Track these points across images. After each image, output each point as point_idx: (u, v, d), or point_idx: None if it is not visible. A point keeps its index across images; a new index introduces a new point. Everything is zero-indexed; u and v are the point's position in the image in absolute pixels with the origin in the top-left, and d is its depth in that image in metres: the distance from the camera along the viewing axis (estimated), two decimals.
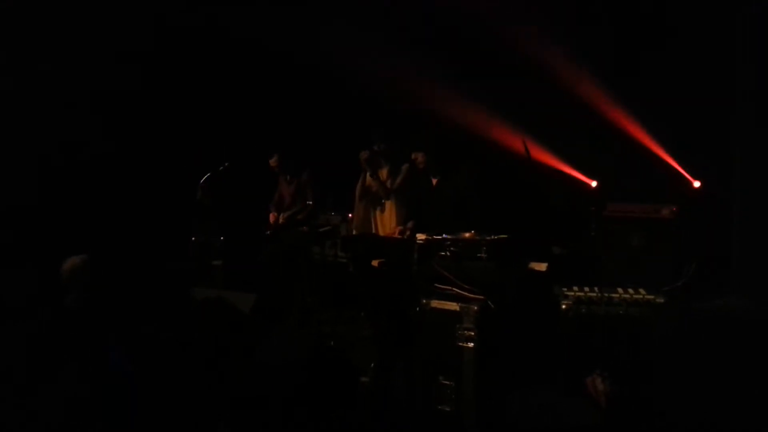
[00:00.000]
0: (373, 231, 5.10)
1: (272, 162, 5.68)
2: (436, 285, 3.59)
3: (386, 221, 5.05)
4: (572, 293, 3.36)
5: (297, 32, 6.12)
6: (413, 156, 4.51)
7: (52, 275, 3.69)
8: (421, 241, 3.87)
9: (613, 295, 3.32)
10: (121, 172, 6.11)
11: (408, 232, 4.81)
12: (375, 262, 4.84)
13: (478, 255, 3.62)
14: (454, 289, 3.52)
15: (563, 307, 3.34)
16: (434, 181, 4.52)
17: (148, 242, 5.94)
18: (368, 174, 5.01)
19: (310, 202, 5.56)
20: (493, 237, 3.64)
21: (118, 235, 5.70)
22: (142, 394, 2.85)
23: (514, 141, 5.36)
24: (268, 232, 5.74)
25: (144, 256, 5.70)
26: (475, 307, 3.37)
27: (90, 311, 3.43)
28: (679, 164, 4.99)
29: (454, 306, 3.44)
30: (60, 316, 3.32)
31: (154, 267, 5.55)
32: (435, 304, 3.53)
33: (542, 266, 3.88)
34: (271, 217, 5.73)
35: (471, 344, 3.34)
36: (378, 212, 5.10)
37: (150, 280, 4.85)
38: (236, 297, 4.03)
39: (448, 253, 3.70)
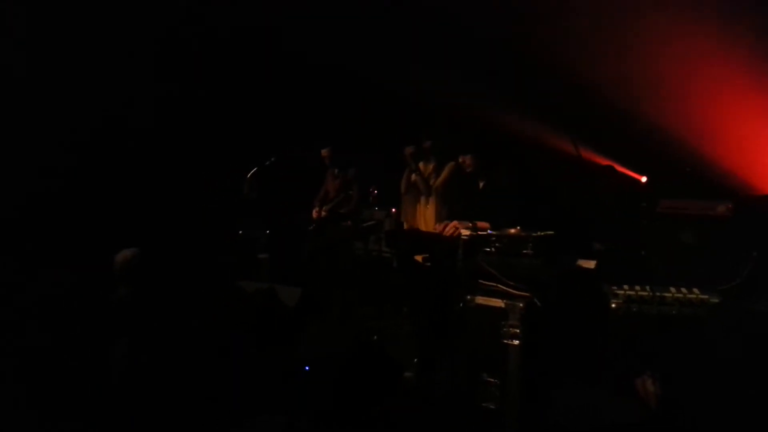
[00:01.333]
0: (418, 226, 5.09)
1: (324, 153, 5.71)
2: (481, 281, 3.55)
3: (429, 217, 5.04)
4: (622, 292, 3.27)
5: (349, 31, 6.14)
6: (461, 159, 4.47)
7: (102, 269, 3.80)
8: (465, 237, 3.83)
9: (666, 294, 3.22)
10: (169, 167, 6.25)
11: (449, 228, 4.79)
12: (419, 258, 4.82)
13: (524, 251, 3.56)
14: (499, 285, 3.48)
15: (613, 305, 3.26)
16: (481, 183, 4.48)
17: (197, 236, 6.06)
18: (413, 169, 5.01)
19: (351, 192, 5.59)
20: (539, 233, 3.58)
21: (168, 229, 5.84)
22: (190, 384, 2.93)
23: (564, 138, 5.26)
24: (312, 227, 5.79)
25: (192, 249, 5.82)
26: (521, 304, 3.33)
27: (141, 303, 3.52)
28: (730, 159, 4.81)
29: (499, 303, 3.40)
30: (112, 308, 3.42)
31: (201, 260, 5.67)
32: (480, 300, 3.50)
33: (591, 264, 3.79)
34: (314, 213, 5.78)
35: (516, 342, 3.30)
36: (422, 207, 5.10)
37: (198, 274, 4.95)
38: (282, 290, 4.09)
39: (493, 249, 3.66)
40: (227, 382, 3.09)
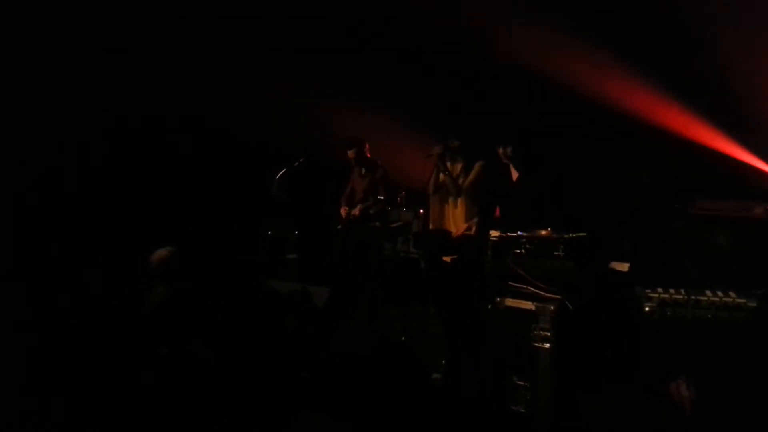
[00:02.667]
0: (446, 227, 5.06)
1: (351, 153, 5.68)
2: (511, 283, 3.52)
3: (458, 218, 5.01)
4: (656, 295, 3.21)
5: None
6: (500, 150, 4.42)
7: (136, 270, 3.85)
8: (495, 238, 3.80)
9: (701, 297, 3.15)
10: (196, 167, 6.30)
11: (474, 228, 4.76)
12: (447, 259, 4.80)
13: (555, 253, 3.52)
14: (529, 287, 3.45)
15: (646, 309, 3.21)
16: (515, 175, 4.42)
17: (226, 236, 6.12)
18: (441, 170, 4.98)
19: (381, 197, 5.58)
20: (571, 235, 3.54)
21: (199, 229, 5.90)
22: (219, 379, 2.96)
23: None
24: (340, 227, 5.79)
25: (222, 249, 5.88)
26: (552, 307, 3.29)
27: (177, 300, 3.56)
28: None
29: (529, 305, 3.37)
30: (150, 305, 3.48)
31: (231, 260, 5.73)
32: (509, 302, 3.47)
33: (624, 266, 3.73)
34: (342, 212, 5.77)
35: (547, 345, 3.26)
36: (451, 208, 5.06)
37: (228, 273, 5.00)
38: (311, 291, 4.11)
39: (523, 251, 3.62)
40: (256, 381, 3.12)
